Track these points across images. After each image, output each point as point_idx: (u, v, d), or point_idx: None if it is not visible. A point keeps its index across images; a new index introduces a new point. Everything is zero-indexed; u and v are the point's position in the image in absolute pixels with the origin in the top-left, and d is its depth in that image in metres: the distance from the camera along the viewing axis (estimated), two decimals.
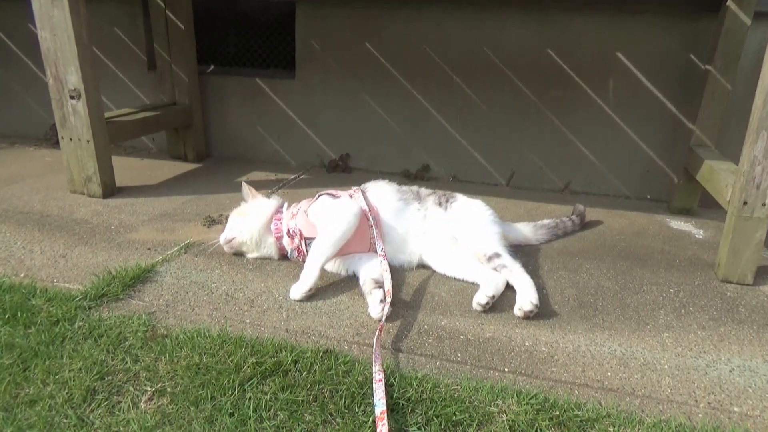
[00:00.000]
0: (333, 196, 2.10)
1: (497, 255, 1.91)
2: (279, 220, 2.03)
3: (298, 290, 1.78)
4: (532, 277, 1.85)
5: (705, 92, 2.66)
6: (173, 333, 1.55)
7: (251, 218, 2.04)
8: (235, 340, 1.51)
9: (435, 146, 3.33)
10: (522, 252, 2.19)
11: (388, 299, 1.68)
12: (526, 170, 3.24)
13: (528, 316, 1.71)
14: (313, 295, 1.80)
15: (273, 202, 2.12)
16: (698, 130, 2.72)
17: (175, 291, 1.82)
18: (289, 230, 2.00)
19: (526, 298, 1.73)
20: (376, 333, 1.52)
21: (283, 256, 2.05)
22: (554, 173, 3.21)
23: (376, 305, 1.69)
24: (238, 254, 2.08)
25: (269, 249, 2.04)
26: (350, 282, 1.93)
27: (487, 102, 3.17)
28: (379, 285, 1.78)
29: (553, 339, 1.63)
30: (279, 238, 2.01)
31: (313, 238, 1.94)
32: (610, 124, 3.04)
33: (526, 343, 1.60)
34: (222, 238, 2.05)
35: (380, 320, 1.65)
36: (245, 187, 2.16)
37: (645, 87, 2.94)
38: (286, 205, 2.12)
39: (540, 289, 1.88)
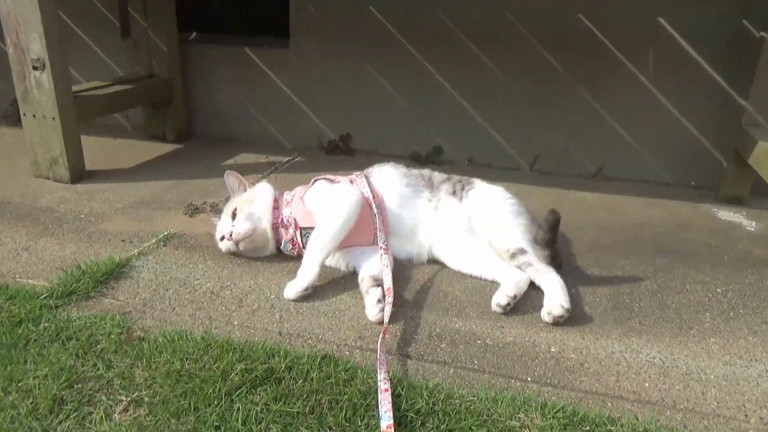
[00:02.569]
0: (331, 181, 2.09)
1: (522, 251, 1.90)
2: (276, 208, 2.03)
3: (293, 289, 1.78)
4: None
5: (759, 64, 2.63)
6: (151, 336, 1.55)
7: (262, 205, 2.01)
8: (221, 344, 1.51)
9: (449, 125, 3.31)
10: None
11: (389, 299, 1.67)
12: (552, 153, 3.22)
13: (558, 322, 1.70)
14: (309, 293, 1.80)
15: (270, 186, 2.12)
16: (751, 106, 2.69)
17: (154, 288, 1.82)
18: (282, 219, 1.99)
19: (556, 301, 1.72)
20: (380, 336, 1.51)
21: (277, 248, 2.05)
22: (584, 156, 3.19)
23: (373, 306, 1.69)
24: (235, 254, 2.04)
25: (269, 243, 2.04)
26: (352, 278, 1.92)
27: (508, 75, 3.15)
28: (378, 283, 1.78)
29: (583, 344, 1.62)
30: (275, 228, 2.01)
31: (310, 229, 1.94)
32: (650, 100, 3.01)
33: (552, 349, 1.60)
34: (234, 234, 1.93)
35: (379, 323, 1.65)
36: (232, 177, 2.09)
37: (690, 57, 2.91)
38: (277, 192, 2.11)
39: (568, 288, 1.87)
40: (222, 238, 1.99)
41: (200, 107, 3.64)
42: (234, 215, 1.98)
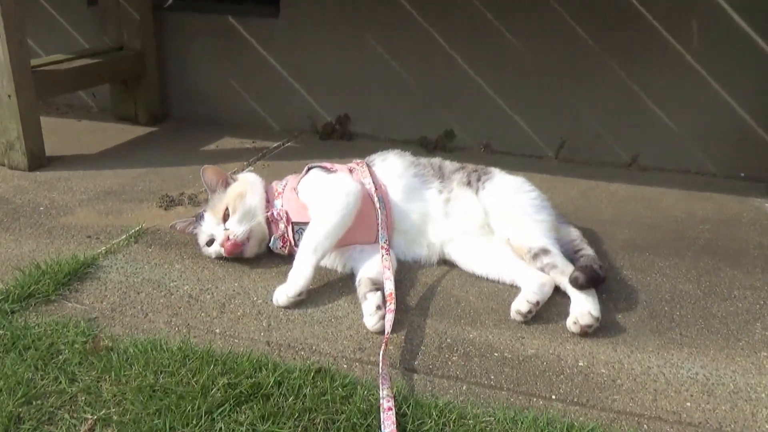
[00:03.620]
0: (328, 170, 2.08)
1: (545, 251, 1.89)
2: (268, 200, 2.03)
3: (284, 294, 1.78)
4: None
5: None
6: (120, 345, 1.55)
7: (256, 198, 1.99)
8: (200, 355, 1.51)
9: (462, 106, 3.30)
10: None
11: (390, 305, 1.67)
12: (580, 138, 3.21)
13: (586, 332, 1.70)
14: (303, 299, 1.80)
15: (257, 175, 2.11)
16: None
17: (123, 291, 1.82)
18: (273, 213, 1.99)
19: (584, 309, 1.72)
20: (382, 347, 1.51)
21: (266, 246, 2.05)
22: (618, 142, 3.18)
23: (372, 314, 1.69)
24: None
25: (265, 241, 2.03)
26: (350, 281, 1.92)
27: (531, 48, 3.13)
28: (377, 286, 1.78)
29: (616, 358, 1.62)
30: (269, 223, 2.00)
31: (303, 224, 1.93)
32: (693, 78, 2.99)
33: (580, 363, 1.59)
34: (231, 239, 1.91)
35: (379, 333, 1.65)
36: (210, 173, 2.02)
37: (740, 29, 2.89)
38: (264, 183, 2.11)
39: (598, 293, 1.86)
40: (209, 242, 1.97)
41: (177, 84, 3.64)
42: (225, 216, 1.95)
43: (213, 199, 2.02)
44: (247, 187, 2.02)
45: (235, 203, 1.96)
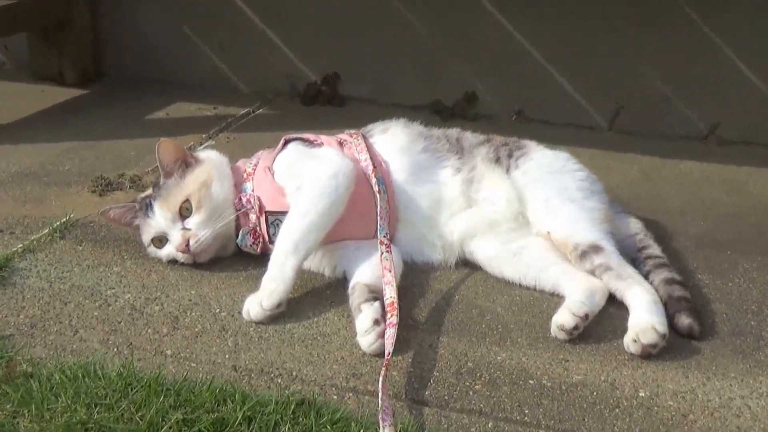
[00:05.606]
0: (311, 143, 2.08)
1: (596, 249, 1.89)
2: (236, 185, 2.03)
3: (258, 305, 1.78)
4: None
5: None
6: (43, 370, 1.54)
7: (225, 186, 2.00)
8: (147, 384, 1.50)
9: (486, 61, 3.29)
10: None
11: (391, 318, 1.67)
12: (641, 103, 3.21)
13: (649, 353, 1.70)
14: (281, 311, 1.79)
15: (220, 154, 2.12)
16: None
17: (46, 301, 1.82)
18: (239, 200, 2.00)
19: (647, 323, 1.71)
20: (382, 373, 1.51)
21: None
22: (691, 108, 3.18)
23: (367, 330, 1.69)
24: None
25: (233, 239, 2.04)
26: (341, 287, 1.92)
27: None
28: (376, 295, 1.78)
29: (687, 387, 1.62)
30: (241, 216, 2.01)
31: (280, 214, 1.93)
32: None
33: (641, 394, 1.59)
34: (193, 243, 1.90)
35: (378, 354, 1.65)
36: (168, 149, 2.00)
37: None
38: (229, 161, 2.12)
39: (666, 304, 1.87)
40: (157, 240, 1.97)
41: (114, 33, 3.63)
42: (182, 210, 1.94)
43: (167, 186, 1.98)
44: (213, 172, 2.01)
45: (200, 196, 1.95)
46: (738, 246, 2.25)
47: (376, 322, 1.69)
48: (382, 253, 1.83)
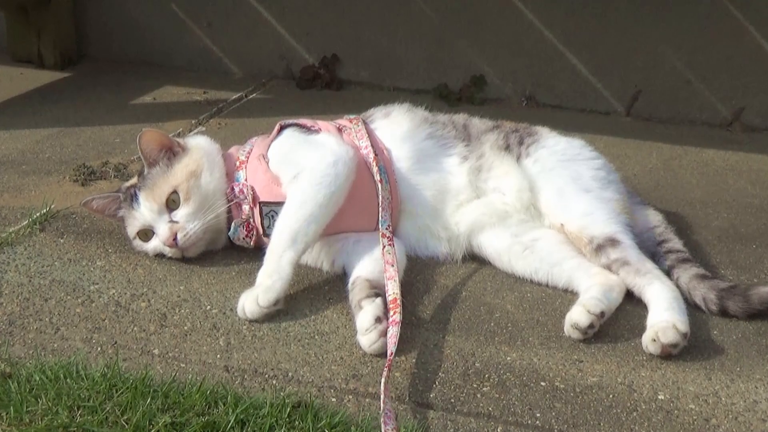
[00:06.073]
0: (308, 129, 2.08)
1: (613, 242, 1.89)
2: (226, 174, 2.04)
3: (255, 302, 1.77)
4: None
5: None
6: (23, 371, 1.54)
7: (215, 176, 2.00)
8: (133, 385, 1.50)
9: (495, 42, 3.29)
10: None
11: (394, 316, 1.67)
12: (661, 86, 3.21)
13: (669, 353, 1.70)
14: (278, 309, 1.79)
15: (211, 140, 2.12)
16: None
17: (26, 297, 1.82)
18: (232, 190, 1.99)
19: (667, 321, 1.71)
20: (384, 374, 1.51)
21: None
22: (714, 92, 3.18)
23: (368, 329, 1.68)
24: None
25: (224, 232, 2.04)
26: (340, 282, 1.93)
27: None
28: (377, 291, 1.78)
29: (710, 389, 1.62)
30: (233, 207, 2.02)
31: (276, 205, 1.93)
32: None
33: (660, 396, 1.59)
34: (181, 238, 1.90)
35: (380, 354, 1.65)
36: (151, 138, 2.00)
37: None
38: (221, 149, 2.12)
39: (688, 301, 1.87)
40: (143, 233, 1.97)
41: (97, 12, 3.63)
42: (169, 202, 1.94)
43: (152, 176, 1.99)
44: (202, 161, 2.01)
45: (188, 186, 1.95)
46: (764, 239, 2.25)
47: (378, 320, 1.69)
48: (384, 247, 1.83)
